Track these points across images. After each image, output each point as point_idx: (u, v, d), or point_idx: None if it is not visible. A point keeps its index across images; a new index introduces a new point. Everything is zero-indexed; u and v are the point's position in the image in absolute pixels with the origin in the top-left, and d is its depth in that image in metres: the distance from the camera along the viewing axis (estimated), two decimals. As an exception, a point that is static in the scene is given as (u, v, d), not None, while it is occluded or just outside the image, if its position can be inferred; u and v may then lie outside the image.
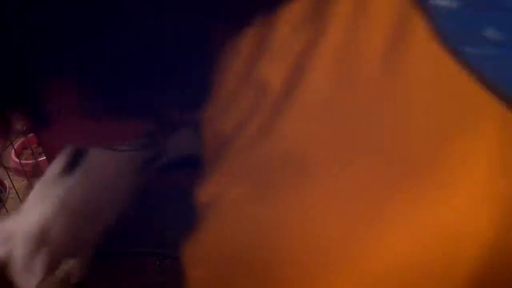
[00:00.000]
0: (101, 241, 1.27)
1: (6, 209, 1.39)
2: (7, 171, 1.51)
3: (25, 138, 1.57)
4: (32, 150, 1.58)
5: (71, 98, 0.46)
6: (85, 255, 0.86)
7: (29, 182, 1.47)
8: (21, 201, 1.42)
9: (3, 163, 1.51)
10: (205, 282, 0.39)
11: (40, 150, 1.52)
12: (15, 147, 1.58)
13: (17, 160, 1.52)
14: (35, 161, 1.48)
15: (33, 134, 1.45)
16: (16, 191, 1.45)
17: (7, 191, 1.50)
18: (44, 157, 1.47)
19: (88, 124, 0.49)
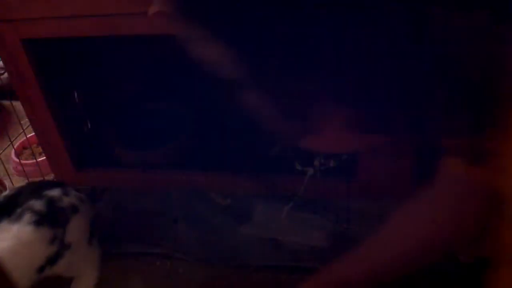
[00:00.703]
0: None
1: (6, 209, 1.39)
2: (7, 171, 1.52)
3: (25, 138, 1.57)
4: (32, 150, 1.58)
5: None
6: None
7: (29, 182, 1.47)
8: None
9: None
10: None
11: (40, 150, 1.52)
12: (15, 147, 1.58)
13: (17, 160, 1.52)
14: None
15: (33, 134, 1.45)
16: (16, 191, 1.45)
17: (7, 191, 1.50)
18: (44, 157, 1.47)
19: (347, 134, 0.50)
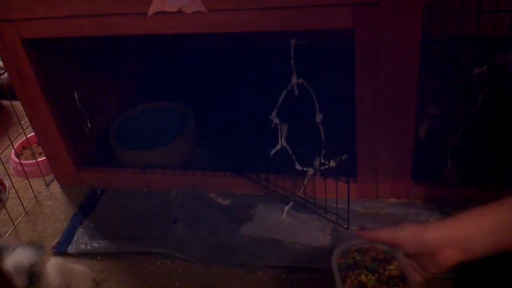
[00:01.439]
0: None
1: (6, 209, 1.39)
2: (7, 171, 1.52)
3: (25, 138, 1.57)
4: (32, 150, 1.58)
5: None
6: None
7: (29, 182, 1.47)
8: (21, 201, 1.43)
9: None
10: None
11: (40, 150, 1.52)
12: (15, 147, 1.58)
13: (17, 160, 1.52)
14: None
15: (33, 134, 1.45)
16: (16, 191, 1.45)
17: (7, 191, 1.50)
18: (44, 157, 1.47)
19: None
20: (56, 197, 1.45)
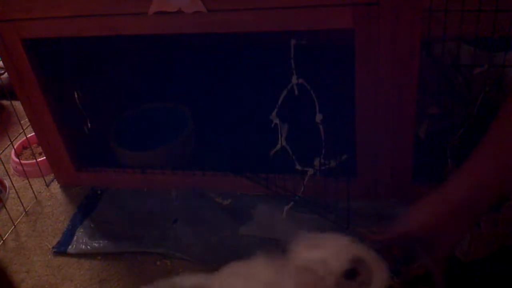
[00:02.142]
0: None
1: (6, 209, 1.39)
2: (7, 171, 1.52)
3: (25, 138, 1.57)
4: (32, 150, 1.58)
5: None
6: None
7: (29, 182, 1.47)
8: (21, 201, 1.43)
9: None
10: None
11: (40, 150, 1.52)
12: (15, 147, 1.58)
13: (17, 160, 1.52)
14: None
15: (33, 134, 1.45)
16: (16, 191, 1.45)
17: (7, 191, 1.50)
18: (44, 157, 1.47)
19: None
20: (56, 197, 1.45)
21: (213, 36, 1.15)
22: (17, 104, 1.49)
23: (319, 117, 1.12)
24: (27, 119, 1.39)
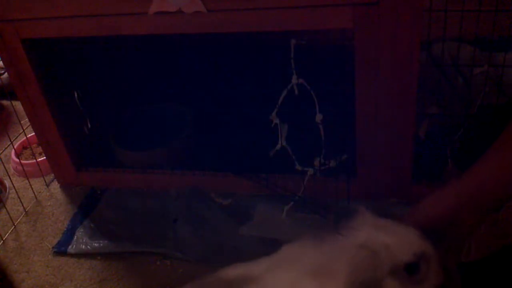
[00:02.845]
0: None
1: (6, 209, 1.39)
2: (7, 171, 1.52)
3: (25, 138, 1.57)
4: (32, 150, 1.58)
5: None
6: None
7: (29, 182, 1.47)
8: (21, 201, 1.43)
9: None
10: None
11: (40, 150, 1.52)
12: (15, 147, 1.58)
13: (17, 160, 1.52)
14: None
15: (33, 134, 1.45)
16: (16, 191, 1.45)
17: (7, 191, 1.50)
18: (44, 157, 1.47)
19: None
20: (56, 197, 1.45)
21: (213, 36, 1.15)
22: (17, 104, 1.49)
23: (319, 117, 1.12)
24: (27, 119, 1.39)
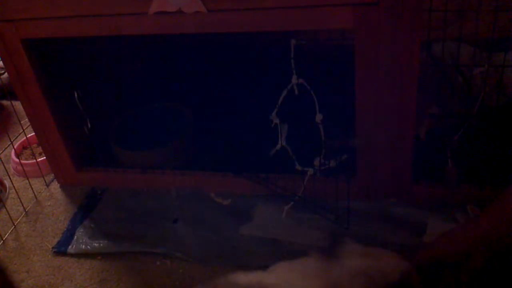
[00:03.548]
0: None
1: (6, 209, 1.39)
2: (7, 171, 1.52)
3: (25, 138, 1.57)
4: (32, 150, 1.58)
5: None
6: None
7: (29, 182, 1.47)
8: (21, 201, 1.43)
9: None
10: None
11: (40, 150, 1.52)
12: (15, 147, 1.58)
13: (17, 160, 1.52)
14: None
15: (33, 134, 1.45)
16: (16, 191, 1.45)
17: (7, 191, 1.50)
18: (44, 157, 1.47)
19: None
20: (56, 197, 1.45)
21: (213, 36, 1.15)
22: (17, 104, 1.49)
23: (319, 117, 1.12)
24: (27, 119, 1.39)
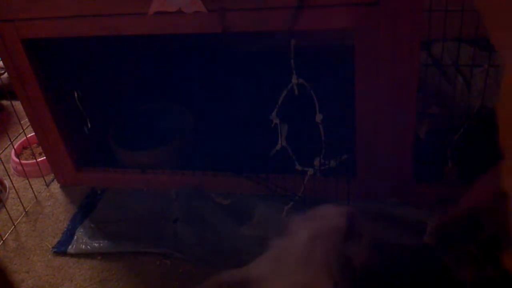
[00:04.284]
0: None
1: (6, 209, 1.39)
2: (7, 171, 1.52)
3: (25, 138, 1.57)
4: (32, 150, 1.58)
5: None
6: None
7: (29, 182, 1.47)
8: (21, 201, 1.43)
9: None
10: None
11: (40, 150, 1.52)
12: (15, 147, 1.58)
13: (17, 160, 1.52)
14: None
15: (33, 134, 1.45)
16: (16, 191, 1.45)
17: (7, 191, 1.50)
18: (44, 157, 1.47)
19: None
20: (56, 197, 1.45)
21: (213, 36, 1.15)
22: (17, 104, 1.49)
23: (319, 117, 1.12)
24: (27, 119, 1.39)
